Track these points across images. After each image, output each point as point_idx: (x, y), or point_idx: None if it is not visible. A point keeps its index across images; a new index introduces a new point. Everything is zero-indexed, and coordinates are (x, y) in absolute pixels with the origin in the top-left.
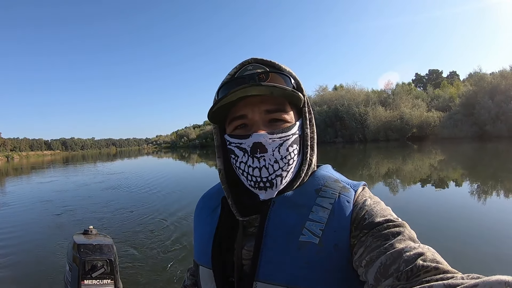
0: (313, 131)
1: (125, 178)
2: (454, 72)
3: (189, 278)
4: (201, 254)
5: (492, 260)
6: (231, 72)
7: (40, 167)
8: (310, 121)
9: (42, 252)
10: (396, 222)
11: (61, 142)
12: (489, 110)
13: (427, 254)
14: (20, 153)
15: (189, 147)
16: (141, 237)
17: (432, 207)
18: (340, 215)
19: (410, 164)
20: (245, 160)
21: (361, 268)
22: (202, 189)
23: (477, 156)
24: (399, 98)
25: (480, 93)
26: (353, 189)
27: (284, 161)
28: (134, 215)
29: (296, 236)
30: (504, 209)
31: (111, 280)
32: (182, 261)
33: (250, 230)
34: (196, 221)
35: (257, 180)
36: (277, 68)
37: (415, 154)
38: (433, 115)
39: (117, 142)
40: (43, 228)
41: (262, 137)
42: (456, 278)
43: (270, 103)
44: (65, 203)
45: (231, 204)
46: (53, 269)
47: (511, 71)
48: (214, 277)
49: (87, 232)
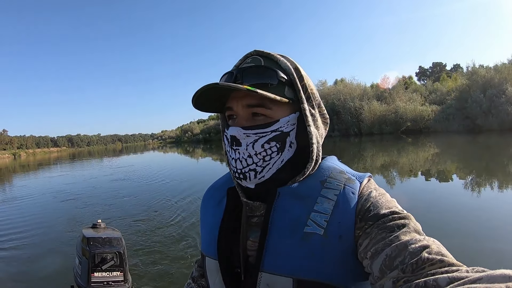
0: (317, 127)
1: (132, 171)
2: (458, 65)
3: (197, 269)
4: (207, 245)
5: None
6: (237, 63)
7: (47, 164)
8: (314, 116)
9: (51, 245)
10: (401, 214)
11: (67, 139)
12: (480, 104)
13: (433, 247)
14: (26, 151)
15: (192, 142)
16: (150, 229)
17: (425, 199)
18: (345, 207)
19: (405, 157)
20: (228, 149)
21: (366, 259)
22: (208, 182)
23: (469, 149)
24: (395, 93)
25: (473, 87)
26: (358, 180)
27: (258, 157)
28: (142, 208)
29: (301, 227)
30: (499, 199)
31: (120, 272)
32: (190, 253)
33: (253, 220)
34: (202, 212)
35: (234, 170)
36: (274, 61)
37: (409, 147)
38: (427, 109)
39: (123, 137)
40: (51, 222)
41: (236, 131)
42: (461, 271)
43: (252, 98)
44: (73, 197)
45: (236, 186)
46: (62, 262)
47: (504, 65)
48: (220, 268)
49: (95, 225)
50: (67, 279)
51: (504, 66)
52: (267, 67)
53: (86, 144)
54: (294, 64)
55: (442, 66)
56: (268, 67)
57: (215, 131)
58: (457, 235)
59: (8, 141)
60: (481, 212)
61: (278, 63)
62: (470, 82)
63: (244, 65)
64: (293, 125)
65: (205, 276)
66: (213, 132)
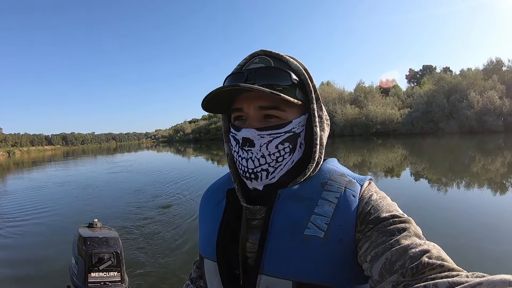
0: (323, 128)
1: (128, 170)
2: (448, 68)
3: (195, 270)
4: (206, 246)
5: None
6: (241, 63)
7: (41, 162)
8: (321, 117)
9: (47, 244)
10: (402, 218)
11: (61, 137)
12: (443, 108)
13: (433, 252)
14: (21, 148)
15: (184, 141)
16: (147, 229)
17: (399, 196)
18: (346, 210)
19: (375, 157)
20: (237, 150)
21: (366, 263)
22: (208, 181)
23: (433, 151)
24: (371, 97)
25: (440, 92)
26: (359, 183)
27: (271, 158)
28: (139, 207)
29: (301, 230)
30: (465, 197)
31: (117, 272)
32: (189, 253)
33: (253, 223)
34: (201, 213)
35: (245, 170)
36: (283, 62)
37: (379, 148)
38: (395, 113)
39: (117, 136)
40: (46, 220)
41: (250, 132)
42: (460, 276)
43: (265, 100)
44: (68, 196)
45: (237, 189)
46: (58, 261)
47: (470, 71)
48: (219, 270)
49: (92, 225)
50: (63, 279)
51: (471, 72)
52: (279, 69)
53: (81, 142)
54: (302, 65)
55: (433, 69)
56: (281, 68)
57: (205, 131)
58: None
59: (3, 139)
60: (447, 212)
61: (288, 64)
62: (437, 87)
63: (252, 65)
64: (303, 126)
65: (204, 277)
66: (203, 132)
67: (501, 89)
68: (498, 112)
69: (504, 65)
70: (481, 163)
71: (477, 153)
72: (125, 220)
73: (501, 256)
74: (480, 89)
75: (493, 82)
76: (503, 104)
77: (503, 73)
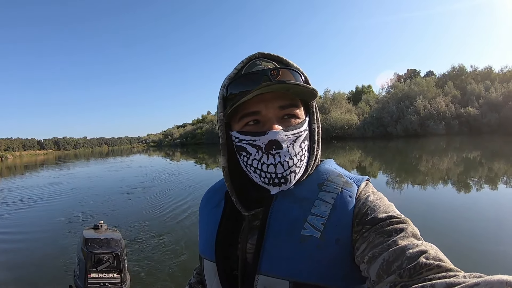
0: (318, 126)
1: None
2: (431, 71)
3: (195, 276)
4: (205, 247)
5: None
6: (238, 66)
7: (33, 167)
8: (316, 116)
9: (55, 245)
10: (399, 219)
11: (53, 141)
12: (392, 114)
13: (430, 252)
14: (13, 153)
15: (172, 145)
16: (151, 231)
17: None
18: (342, 210)
19: (337, 159)
20: (258, 157)
21: (363, 264)
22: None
23: (383, 152)
24: (338, 104)
25: (392, 99)
26: (356, 184)
27: (297, 157)
28: (143, 209)
29: (298, 230)
30: (415, 193)
31: (117, 273)
32: (190, 255)
33: (254, 223)
34: (201, 215)
35: (272, 177)
36: (285, 63)
37: (339, 151)
38: (353, 118)
39: (109, 140)
40: (53, 224)
41: (279, 134)
42: (458, 276)
43: (284, 99)
44: (74, 198)
45: (235, 202)
46: (64, 262)
47: (421, 79)
48: (217, 270)
49: (97, 226)
50: (68, 279)
51: (422, 80)
52: (292, 69)
53: (73, 147)
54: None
55: (417, 73)
56: (292, 69)
57: (191, 136)
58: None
59: None
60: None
61: (288, 65)
62: (389, 95)
63: (256, 68)
64: (309, 124)
65: (203, 278)
66: (189, 136)
67: (455, 95)
68: (441, 116)
69: (465, 71)
70: (429, 163)
71: (423, 154)
72: (132, 222)
73: (500, 256)
74: (432, 96)
75: (449, 88)
76: (448, 109)
77: (464, 79)
